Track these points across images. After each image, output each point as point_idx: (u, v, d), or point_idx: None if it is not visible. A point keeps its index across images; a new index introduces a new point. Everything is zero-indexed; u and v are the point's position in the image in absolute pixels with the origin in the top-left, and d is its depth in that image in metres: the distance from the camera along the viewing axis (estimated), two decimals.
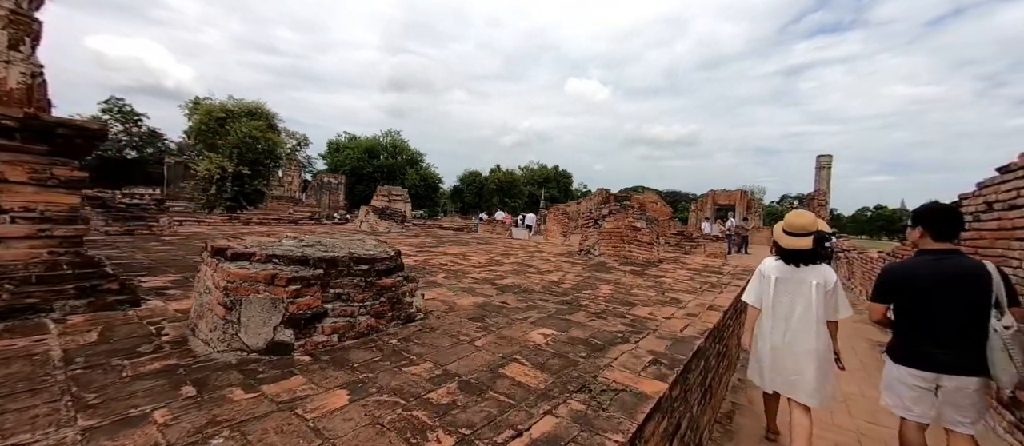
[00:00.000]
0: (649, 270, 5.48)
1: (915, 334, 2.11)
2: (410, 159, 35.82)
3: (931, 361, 2.06)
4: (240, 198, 20.20)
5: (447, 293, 3.50)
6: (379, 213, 9.68)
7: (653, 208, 28.13)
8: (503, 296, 3.50)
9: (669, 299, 3.73)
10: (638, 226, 6.23)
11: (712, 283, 4.76)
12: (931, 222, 2.14)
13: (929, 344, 2.06)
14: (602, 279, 4.65)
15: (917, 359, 2.10)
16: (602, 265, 5.74)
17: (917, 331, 2.11)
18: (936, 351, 2.04)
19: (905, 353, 2.16)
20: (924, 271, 2.08)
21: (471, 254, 6.30)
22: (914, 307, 2.11)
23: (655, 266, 5.85)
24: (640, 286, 4.30)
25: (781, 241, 2.50)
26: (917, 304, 2.09)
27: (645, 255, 6.21)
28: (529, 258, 6.15)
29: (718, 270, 5.97)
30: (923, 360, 2.08)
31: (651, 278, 4.88)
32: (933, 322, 2.05)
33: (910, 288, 2.11)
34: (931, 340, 2.06)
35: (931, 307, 2.05)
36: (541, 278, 4.51)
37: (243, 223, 10.08)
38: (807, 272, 2.41)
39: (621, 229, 6.26)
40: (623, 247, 6.24)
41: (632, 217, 6.26)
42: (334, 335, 2.04)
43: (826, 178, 25.11)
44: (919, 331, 2.10)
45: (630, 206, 6.26)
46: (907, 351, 2.15)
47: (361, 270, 2.20)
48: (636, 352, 2.23)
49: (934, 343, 2.05)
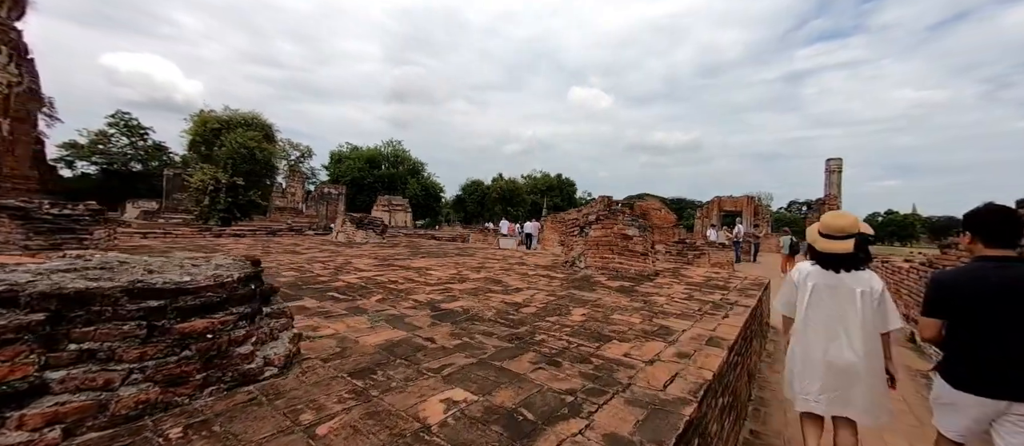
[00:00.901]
0: (640, 286, 4.58)
1: (979, 354, 1.77)
2: (411, 168, 35.29)
3: (1003, 385, 1.71)
4: (234, 209, 19.67)
5: (360, 325, 2.64)
6: (356, 222, 8.88)
7: (656, 215, 27.05)
8: (436, 328, 2.63)
9: (657, 328, 2.83)
10: (629, 233, 5.34)
11: (715, 303, 3.84)
12: (984, 226, 1.83)
13: (999, 366, 1.73)
14: (578, 300, 3.75)
15: (983, 383, 1.76)
16: (586, 280, 4.84)
17: (981, 350, 1.77)
18: (1010, 373, 1.71)
19: (967, 376, 1.81)
20: (989, 280, 1.75)
21: (437, 268, 5.44)
22: (977, 322, 1.77)
23: (649, 280, 4.94)
24: (624, 309, 3.40)
25: (818, 244, 2.23)
26: (982, 318, 1.76)
27: (638, 267, 5.30)
28: (504, 272, 5.28)
29: (723, 284, 5.03)
30: (992, 384, 1.74)
31: (640, 297, 3.97)
32: (1004, 340, 1.72)
33: (971, 299, 1.78)
34: (1001, 360, 1.72)
35: (999, 322, 1.73)
36: (503, 299, 3.64)
37: (214, 235, 9.37)
38: (849, 279, 2.14)
39: (610, 237, 5.37)
40: (612, 258, 5.34)
41: (623, 223, 5.36)
42: (58, 427, 1.19)
43: (837, 182, 23.90)
44: (984, 350, 1.76)
45: (621, 211, 5.34)
46: (969, 374, 1.80)
47: (143, 309, 1.36)
48: (584, 441, 1.36)
49: (1006, 364, 1.71)
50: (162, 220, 21.21)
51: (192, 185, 19.47)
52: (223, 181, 19.58)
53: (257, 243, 8.20)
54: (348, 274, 4.69)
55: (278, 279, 4.25)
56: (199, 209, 19.31)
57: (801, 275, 2.32)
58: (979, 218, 1.85)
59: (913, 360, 5.05)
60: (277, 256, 6.14)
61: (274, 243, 8.33)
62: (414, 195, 33.20)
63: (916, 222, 64.21)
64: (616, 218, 5.41)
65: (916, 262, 6.56)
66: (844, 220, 2.19)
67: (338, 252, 6.99)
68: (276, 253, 6.53)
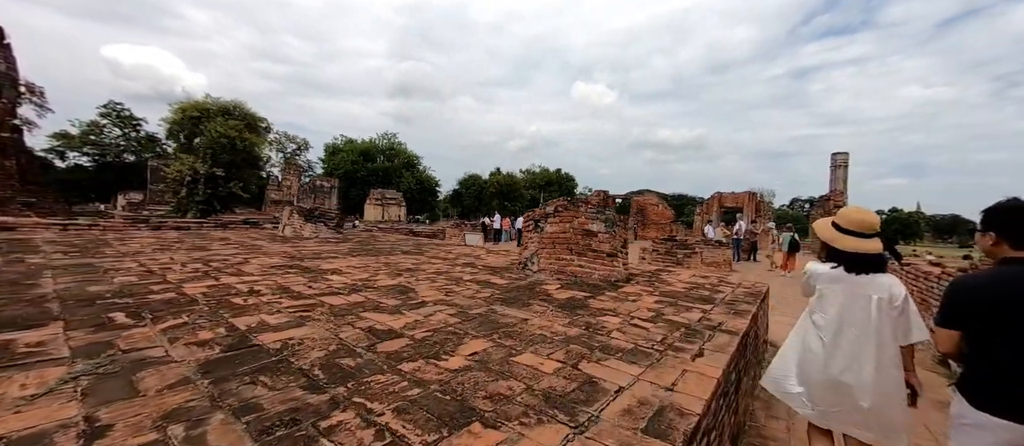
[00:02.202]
0: (598, 297, 3.41)
1: (1009, 371, 1.41)
2: (407, 162, 34.16)
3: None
4: (214, 201, 18.70)
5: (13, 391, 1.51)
6: (305, 215, 7.77)
7: (653, 211, 25.78)
8: (162, 398, 1.49)
9: (576, 385, 1.65)
10: (593, 229, 4.15)
11: (690, 327, 2.64)
12: (1011, 225, 1.47)
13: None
14: (493, 323, 2.59)
15: (1013, 403, 1.41)
16: (529, 289, 3.68)
17: (1011, 366, 1.41)
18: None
19: (992, 395, 1.46)
20: (1017, 286, 1.40)
21: (355, 270, 4.30)
22: (1006, 333, 1.41)
23: (613, 289, 3.77)
24: (547, 341, 2.23)
25: (839, 243, 1.82)
26: (1013, 329, 1.40)
27: (603, 271, 4.12)
28: (433, 277, 4.14)
29: (709, 294, 3.84)
30: (1018, 408, 1.39)
31: (586, 317, 2.80)
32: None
33: (1000, 307, 1.43)
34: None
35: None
36: (376, 322, 2.48)
37: (152, 228, 8.29)
38: (865, 283, 1.76)
39: (568, 234, 4.19)
40: (571, 260, 4.16)
41: (585, 217, 4.18)
42: None
43: (842, 177, 22.44)
44: (1016, 365, 1.39)
45: (583, 201, 4.14)
46: (996, 393, 1.45)
47: None
48: None
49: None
50: (147, 212, 20.33)
51: (169, 176, 18.53)
52: (201, 172, 18.61)
53: (185, 239, 7.12)
54: (214, 279, 3.56)
55: (111, 282, 3.15)
56: (176, 200, 18.39)
57: (815, 276, 1.95)
58: (1007, 216, 1.53)
59: (941, 387, 3.84)
60: (177, 252, 5.05)
61: (210, 238, 7.26)
62: (409, 189, 32.11)
63: (920, 220, 62.06)
64: (577, 210, 4.22)
65: (947, 266, 5.31)
66: (870, 215, 1.83)
67: (258, 249, 5.88)
68: (184, 249, 5.43)
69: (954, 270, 4.95)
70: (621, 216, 4.63)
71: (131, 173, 30.07)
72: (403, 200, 29.84)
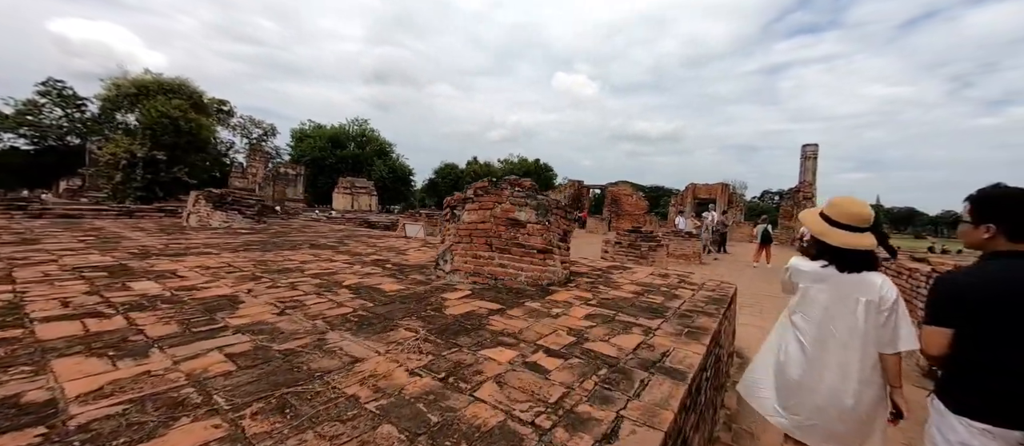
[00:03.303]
0: (511, 310, 2.45)
1: (995, 373, 1.26)
2: (379, 149, 32.48)
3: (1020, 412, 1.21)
4: (156, 188, 16.88)
5: None
6: (215, 201, 6.53)
7: (627, 201, 25.14)
8: None
9: None
10: (520, 219, 3.18)
11: (618, 365, 1.69)
12: (1012, 216, 1.28)
13: (1017, 386, 1.22)
14: (295, 370, 1.58)
15: (997, 410, 1.24)
16: (426, 298, 2.69)
17: (997, 368, 1.25)
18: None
19: (976, 400, 1.28)
20: (1014, 282, 1.24)
21: (192, 276, 3.22)
22: (997, 333, 1.25)
23: (541, 296, 2.83)
24: (351, 419, 1.25)
25: (830, 238, 1.58)
26: (1003, 329, 1.24)
27: (532, 271, 3.17)
28: (302, 281, 3.11)
29: (662, 301, 2.95)
30: (1008, 411, 1.23)
31: (467, 350, 1.82)
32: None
33: (996, 303, 1.25)
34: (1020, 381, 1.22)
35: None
36: (89, 369, 1.45)
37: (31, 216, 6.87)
38: (854, 283, 1.55)
39: (488, 225, 3.21)
40: (490, 258, 3.18)
41: (509, 202, 3.19)
42: None
43: (812, 169, 22.24)
44: (1002, 368, 1.24)
45: (509, 184, 3.12)
46: (980, 397, 1.28)
47: None
48: None
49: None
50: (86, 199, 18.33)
51: (102, 159, 16.62)
52: (139, 155, 16.76)
53: (52, 226, 5.81)
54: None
55: None
56: (111, 186, 16.54)
57: (797, 272, 1.69)
58: (1007, 205, 1.29)
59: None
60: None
61: (78, 227, 5.96)
62: (381, 178, 30.55)
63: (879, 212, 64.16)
64: (499, 194, 3.22)
65: (945, 260, 4.60)
66: (865, 207, 1.59)
67: (117, 241, 4.68)
68: (9, 246, 4.21)
69: (917, 266, 4.23)
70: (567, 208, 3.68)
71: (75, 157, 27.38)
72: (374, 189, 28.28)
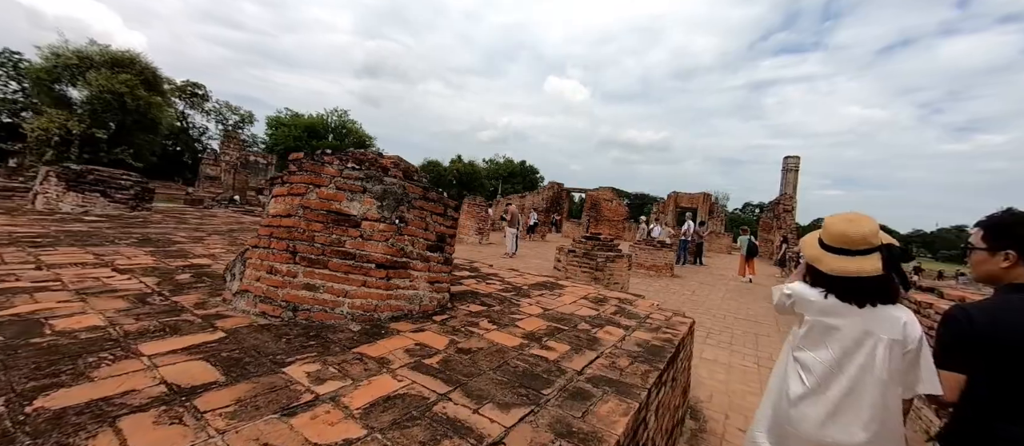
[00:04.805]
0: (238, 385, 1.23)
1: (1010, 434, 1.05)
2: (358, 141, 30.94)
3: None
4: None
5: None
6: (72, 179, 5.14)
7: (607, 207, 24.08)
8: None
9: None
10: (350, 212, 1.95)
11: None
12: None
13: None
14: None
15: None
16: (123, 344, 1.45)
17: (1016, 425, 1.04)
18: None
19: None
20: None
21: None
22: (1018, 383, 1.06)
23: (349, 348, 1.61)
24: None
25: (821, 264, 1.32)
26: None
27: (369, 298, 1.94)
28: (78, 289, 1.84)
29: (560, 358, 1.76)
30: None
31: None
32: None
33: (1016, 349, 1.06)
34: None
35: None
36: None
37: None
38: (871, 317, 1.24)
39: (295, 220, 1.94)
40: (293, 274, 1.91)
41: (333, 186, 1.94)
42: None
43: (793, 181, 21.52)
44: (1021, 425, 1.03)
45: (333, 158, 1.82)
46: None
47: None
48: None
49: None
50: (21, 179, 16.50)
51: (31, 135, 14.88)
52: (75, 132, 15.05)
53: None
54: None
55: None
56: (41, 165, 14.80)
57: (801, 300, 1.36)
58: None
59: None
60: None
61: None
62: None
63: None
64: (320, 171, 1.97)
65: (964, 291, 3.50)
66: (863, 226, 1.27)
67: None
68: None
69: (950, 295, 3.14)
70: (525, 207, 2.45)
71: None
72: None
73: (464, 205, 13.07)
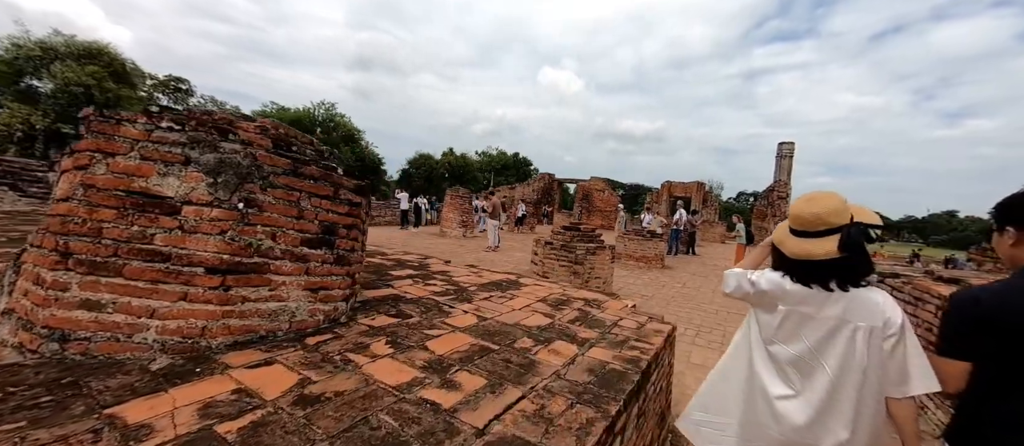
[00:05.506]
0: None
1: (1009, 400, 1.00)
2: (347, 135, 30.08)
3: None
4: None
5: None
6: None
7: (598, 197, 23.44)
8: None
9: None
10: (161, 192, 1.31)
11: None
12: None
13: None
14: None
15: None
16: None
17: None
18: None
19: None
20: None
21: None
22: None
23: (80, 418, 1.00)
24: None
25: (784, 247, 1.22)
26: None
27: (192, 317, 1.32)
28: None
29: (436, 426, 1.15)
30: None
31: None
32: None
33: (1019, 328, 0.97)
34: None
35: None
36: None
37: None
38: (842, 303, 1.13)
39: (75, 205, 1.31)
40: (65, 286, 1.28)
41: (136, 155, 1.31)
42: None
43: (787, 168, 20.95)
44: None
45: (145, 116, 1.14)
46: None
47: None
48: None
49: None
50: None
51: None
52: (39, 127, 14.26)
53: None
54: None
55: None
56: None
57: (767, 286, 1.23)
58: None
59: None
60: None
61: None
62: (348, 167, 28.22)
63: None
64: (113, 133, 1.33)
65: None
66: (822, 203, 1.15)
67: None
68: None
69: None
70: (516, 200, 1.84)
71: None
72: None
73: (446, 196, 12.39)
